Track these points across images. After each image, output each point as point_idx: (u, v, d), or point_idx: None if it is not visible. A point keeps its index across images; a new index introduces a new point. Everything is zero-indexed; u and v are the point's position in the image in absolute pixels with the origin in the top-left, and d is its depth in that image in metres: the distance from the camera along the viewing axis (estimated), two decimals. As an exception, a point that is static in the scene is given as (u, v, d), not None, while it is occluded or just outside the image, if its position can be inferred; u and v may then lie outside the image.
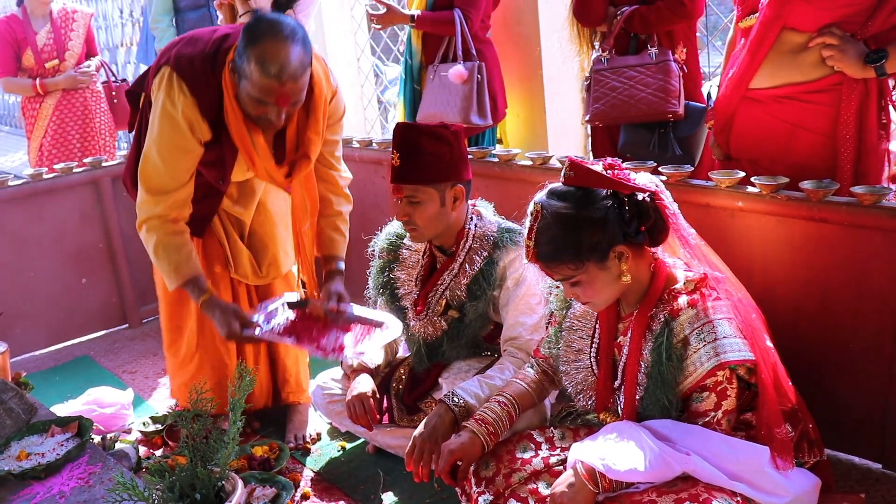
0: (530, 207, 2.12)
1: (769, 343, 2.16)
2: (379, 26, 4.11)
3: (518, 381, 2.46)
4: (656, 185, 2.10)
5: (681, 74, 3.36)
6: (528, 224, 2.12)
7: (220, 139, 2.65)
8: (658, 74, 3.32)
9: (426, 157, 2.58)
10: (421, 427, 2.44)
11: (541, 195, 2.13)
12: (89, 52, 5.27)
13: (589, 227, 2.05)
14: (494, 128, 4.20)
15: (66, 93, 5.07)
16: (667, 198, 2.11)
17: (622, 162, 2.23)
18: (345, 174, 3.02)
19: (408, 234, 2.84)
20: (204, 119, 2.59)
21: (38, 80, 4.97)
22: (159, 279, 2.97)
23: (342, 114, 2.88)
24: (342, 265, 2.93)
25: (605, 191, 2.07)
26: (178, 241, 2.67)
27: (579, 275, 2.10)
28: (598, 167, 2.07)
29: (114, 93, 5.29)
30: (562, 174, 2.10)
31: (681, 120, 3.36)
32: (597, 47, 3.58)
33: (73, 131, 5.10)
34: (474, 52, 3.87)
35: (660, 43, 3.39)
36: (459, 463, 2.28)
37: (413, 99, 4.18)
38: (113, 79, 5.35)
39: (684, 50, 3.47)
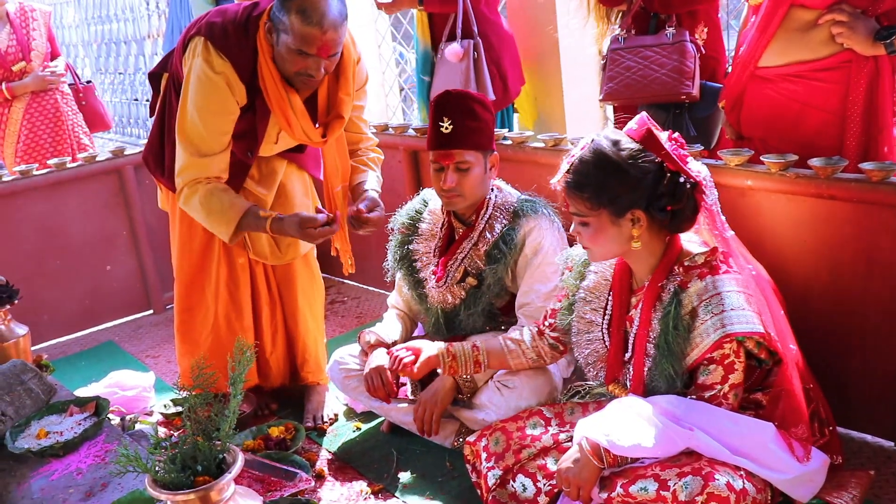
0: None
1: (785, 320, 2.17)
2: (384, 11, 4.09)
3: (499, 338, 2.62)
4: (704, 178, 2.12)
5: (697, 55, 3.30)
6: (574, 149, 2.17)
7: (254, 106, 2.69)
8: (674, 55, 3.28)
9: (479, 122, 2.68)
10: (427, 390, 2.73)
11: (601, 132, 2.17)
12: (52, 52, 5.07)
13: (620, 178, 2.08)
14: (504, 111, 4.20)
15: (35, 95, 4.89)
16: (709, 192, 2.12)
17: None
18: (370, 137, 3.08)
19: (429, 208, 2.89)
20: (241, 81, 2.63)
21: (3, 84, 4.80)
22: (176, 260, 3.02)
23: (365, 80, 2.94)
24: (369, 184, 2.94)
25: (654, 157, 2.09)
26: (220, 188, 2.69)
27: (591, 217, 2.13)
28: (663, 134, 2.10)
29: (81, 94, 5.15)
30: (628, 124, 2.14)
31: (696, 101, 3.33)
32: (616, 26, 3.55)
33: (44, 134, 4.95)
34: (475, 29, 3.87)
35: (680, 23, 3.33)
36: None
37: (421, 89, 4.19)
38: (79, 81, 5.20)
39: (705, 30, 3.41)
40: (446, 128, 2.65)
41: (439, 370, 2.67)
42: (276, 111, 2.67)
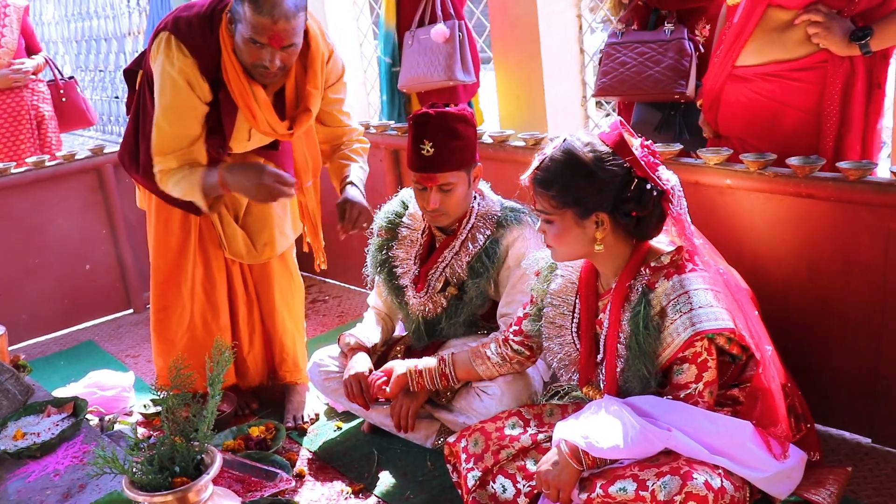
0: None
1: (758, 319, 2.18)
2: None
3: (468, 349, 2.63)
4: (673, 186, 2.11)
5: (694, 54, 3.20)
6: (547, 147, 2.17)
7: (219, 100, 2.69)
8: (670, 53, 3.18)
9: (461, 140, 2.62)
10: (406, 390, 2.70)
11: (575, 132, 2.18)
12: (31, 48, 4.95)
13: (587, 180, 2.08)
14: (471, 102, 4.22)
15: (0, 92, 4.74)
16: (677, 201, 2.11)
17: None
18: (355, 126, 3.05)
19: (409, 212, 2.87)
20: (204, 79, 2.63)
21: None
22: (153, 258, 3.01)
23: (342, 72, 2.92)
24: (352, 176, 2.91)
25: (624, 162, 2.09)
26: (194, 167, 2.70)
27: (556, 216, 2.13)
28: (636, 140, 2.10)
29: (62, 91, 5.04)
30: (604, 128, 2.15)
31: (692, 101, 3.29)
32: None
33: (2, 133, 4.79)
34: (452, 10, 3.89)
35: (680, 20, 3.25)
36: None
37: (388, 75, 4.19)
38: (60, 76, 5.08)
39: (707, 27, 3.29)
40: (427, 150, 2.59)
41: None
42: (241, 104, 2.67)
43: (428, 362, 2.64)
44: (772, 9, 2.67)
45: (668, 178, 2.12)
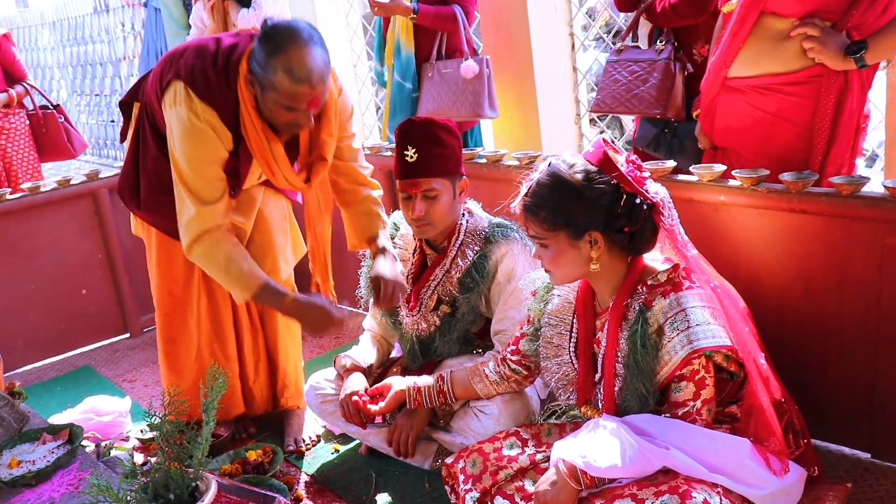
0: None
1: (751, 335, 2.17)
2: (377, 10, 4.03)
3: (466, 368, 2.64)
4: (662, 199, 2.11)
5: (680, 74, 3.25)
6: (532, 173, 2.18)
7: (237, 150, 2.65)
8: (655, 73, 3.24)
9: (445, 148, 2.64)
10: (403, 412, 2.73)
11: (559, 155, 2.18)
12: (14, 76, 4.90)
13: (575, 200, 2.08)
14: (478, 126, 4.23)
15: None
16: (668, 213, 2.12)
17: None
18: (364, 165, 3.01)
19: (400, 233, 2.88)
20: (227, 128, 2.58)
21: None
22: (156, 291, 2.98)
23: (351, 111, 2.88)
24: (382, 240, 2.88)
25: (611, 178, 2.09)
26: (241, 252, 2.64)
27: (549, 239, 2.14)
28: (621, 157, 2.11)
29: (42, 122, 4.93)
30: (587, 149, 2.16)
31: (682, 120, 3.31)
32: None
33: None
34: (476, 46, 3.91)
35: (676, 38, 3.31)
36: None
37: (401, 99, 4.19)
38: (42, 106, 4.97)
39: (706, 46, 3.29)
40: (411, 156, 2.62)
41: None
42: (259, 160, 2.63)
43: (426, 380, 2.64)
44: (766, 16, 2.66)
45: (657, 190, 2.13)
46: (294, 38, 2.40)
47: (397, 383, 2.66)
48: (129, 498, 1.80)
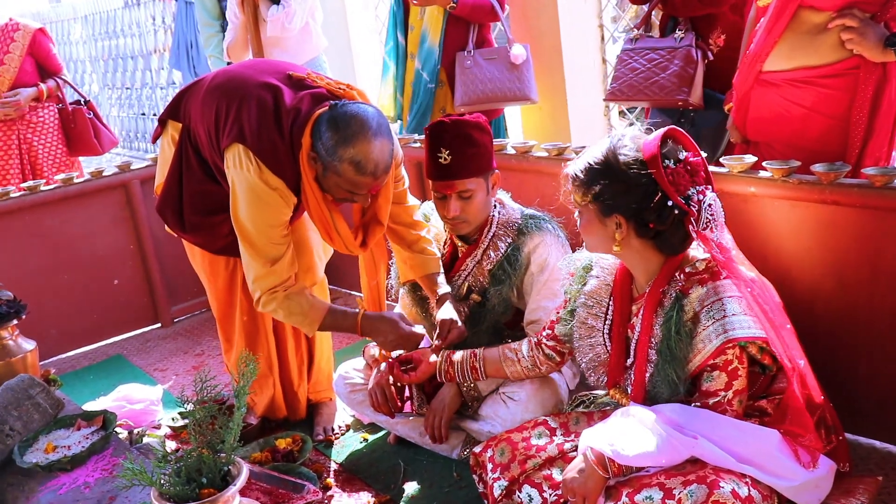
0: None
1: (792, 333, 2.16)
2: (418, 1, 4.02)
3: (499, 347, 2.63)
4: (698, 209, 2.06)
5: (701, 62, 3.24)
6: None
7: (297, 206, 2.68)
8: (676, 59, 3.23)
9: (478, 147, 2.66)
10: (435, 398, 2.74)
11: (626, 132, 2.17)
12: (49, 70, 4.89)
13: (610, 181, 2.09)
14: (502, 117, 4.24)
15: None
16: (703, 224, 2.06)
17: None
18: (411, 204, 2.97)
19: (431, 222, 2.93)
20: (293, 194, 2.59)
21: None
22: (210, 299, 3.05)
23: (401, 160, 2.86)
24: (442, 280, 2.87)
25: (651, 173, 2.07)
26: (296, 291, 2.66)
27: (585, 206, 2.16)
28: (682, 153, 2.10)
29: (70, 116, 4.92)
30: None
31: (701, 109, 3.29)
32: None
33: None
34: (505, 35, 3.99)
35: (694, 27, 3.29)
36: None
37: (419, 87, 4.20)
38: (72, 101, 4.95)
39: (722, 36, 3.33)
40: (445, 158, 2.63)
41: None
42: (319, 226, 2.66)
43: (460, 353, 2.64)
44: (804, 10, 2.64)
45: (701, 199, 2.07)
46: (363, 130, 2.39)
47: (429, 355, 2.67)
48: (162, 481, 1.83)
